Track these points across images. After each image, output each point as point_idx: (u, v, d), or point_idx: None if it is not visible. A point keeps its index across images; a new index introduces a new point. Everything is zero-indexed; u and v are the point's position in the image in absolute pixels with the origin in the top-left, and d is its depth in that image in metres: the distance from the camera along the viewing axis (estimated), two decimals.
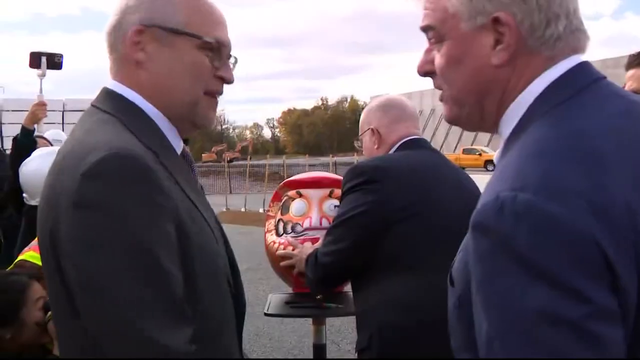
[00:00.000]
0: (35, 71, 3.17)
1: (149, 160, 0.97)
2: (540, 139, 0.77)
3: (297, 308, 2.19)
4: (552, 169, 0.72)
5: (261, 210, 15.69)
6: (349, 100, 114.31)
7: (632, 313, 0.69)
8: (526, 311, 0.68)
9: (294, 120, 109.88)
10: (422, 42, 0.95)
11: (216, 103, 1.17)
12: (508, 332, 0.69)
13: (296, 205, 2.30)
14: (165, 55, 1.09)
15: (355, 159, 18.56)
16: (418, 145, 1.97)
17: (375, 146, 2.01)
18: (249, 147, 63.70)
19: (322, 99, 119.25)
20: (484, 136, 53.91)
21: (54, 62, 3.08)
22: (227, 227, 1.41)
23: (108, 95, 1.11)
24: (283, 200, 2.35)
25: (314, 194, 2.30)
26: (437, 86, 0.93)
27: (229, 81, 1.16)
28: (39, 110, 3.21)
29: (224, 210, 15.92)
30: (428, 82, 0.94)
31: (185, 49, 1.09)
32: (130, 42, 1.09)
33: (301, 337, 5.30)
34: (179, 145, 1.14)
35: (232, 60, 1.18)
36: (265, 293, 6.76)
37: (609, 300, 0.67)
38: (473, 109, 0.90)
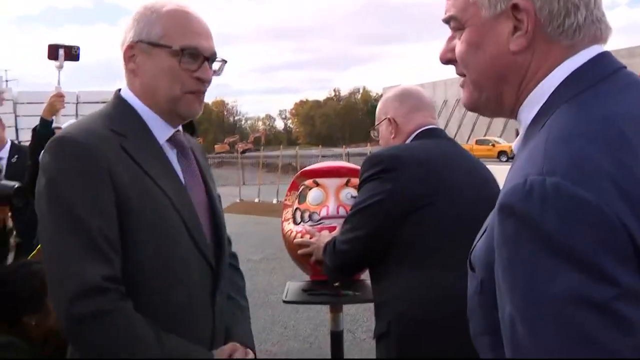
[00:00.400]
0: (52, 63, 3.21)
1: (97, 143, 1.27)
2: (566, 124, 0.78)
3: (315, 295, 2.22)
4: (579, 153, 0.72)
5: (275, 201, 15.76)
6: (361, 91, 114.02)
7: None
8: (552, 294, 0.68)
9: (307, 112, 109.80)
10: (435, 32, 0.98)
11: (200, 98, 1.41)
12: (533, 315, 0.70)
13: (313, 194, 2.32)
14: (149, 64, 1.37)
15: (368, 149, 18.54)
16: (434, 134, 1.97)
17: (392, 135, 2.02)
18: (261, 138, 63.77)
19: (334, 90, 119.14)
20: (497, 127, 53.58)
21: (72, 54, 3.12)
22: (241, 218, 1.47)
23: (114, 96, 1.44)
24: (300, 189, 2.38)
25: (330, 183, 2.32)
26: (459, 73, 0.95)
27: (206, 80, 1.39)
28: (57, 102, 3.25)
29: (238, 201, 16.00)
30: (440, 73, 0.97)
31: (162, 57, 1.36)
32: (126, 56, 1.39)
33: (317, 325, 5.35)
34: (164, 135, 1.40)
35: (216, 62, 1.43)
36: (280, 282, 6.88)
37: (636, 283, 0.67)
38: (491, 94, 0.92)
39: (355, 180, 2.33)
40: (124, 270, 1.25)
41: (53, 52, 3.11)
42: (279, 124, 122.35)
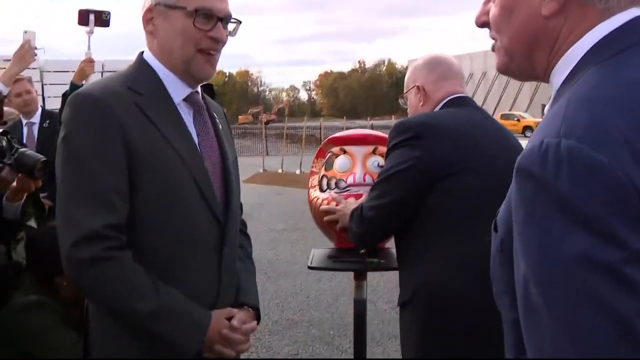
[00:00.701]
0: (79, 33, 3.23)
1: (111, 99, 1.34)
2: (590, 87, 0.77)
3: (340, 262, 2.23)
4: (599, 116, 0.72)
5: (298, 172, 15.80)
6: (386, 63, 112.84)
7: None
8: (564, 254, 0.69)
9: (331, 83, 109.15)
10: (463, 5, 0.97)
11: (213, 59, 1.47)
12: (545, 274, 0.71)
13: (340, 162, 2.32)
14: (166, 25, 1.44)
15: (392, 122, 18.40)
16: (463, 103, 1.95)
17: (421, 103, 2.00)
18: (285, 109, 63.53)
19: (359, 62, 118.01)
20: (522, 102, 52.73)
21: (102, 19, 3.13)
22: (263, 188, 1.51)
23: (137, 58, 1.51)
24: (327, 157, 2.37)
25: (357, 150, 2.31)
26: (492, 36, 0.95)
27: (220, 40, 1.45)
28: (87, 67, 3.30)
29: (261, 171, 16.07)
30: (467, 47, 0.97)
31: (177, 19, 1.42)
32: (145, 19, 1.46)
33: (338, 295, 5.39)
34: (180, 94, 1.46)
35: (231, 24, 1.49)
36: (302, 253, 6.93)
37: None
38: (523, 58, 0.92)
39: (383, 149, 2.32)
40: (131, 223, 1.32)
41: (84, 17, 3.13)
42: (303, 96, 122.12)
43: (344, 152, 2.33)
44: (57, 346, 2.04)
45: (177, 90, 1.46)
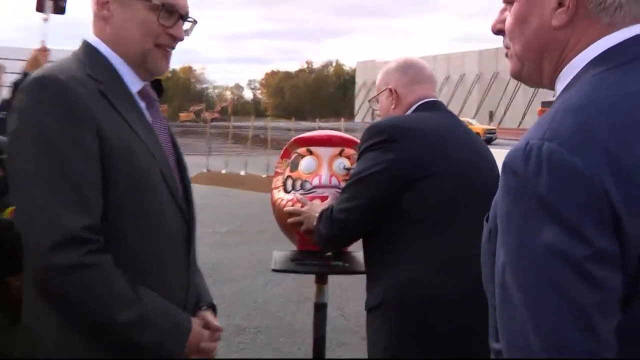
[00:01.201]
0: (31, 22, 3.15)
1: (76, 84, 1.28)
2: (582, 96, 0.84)
3: (304, 265, 2.25)
4: (584, 123, 0.80)
5: (242, 173, 15.70)
6: (334, 64, 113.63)
7: (633, 262, 0.78)
8: (536, 245, 0.78)
9: (277, 83, 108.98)
10: (409, 7, 1.02)
11: (169, 55, 1.46)
12: (518, 261, 0.81)
13: (306, 163, 2.34)
14: (124, 14, 1.41)
15: (341, 124, 18.56)
16: (435, 107, 2.01)
17: (392, 106, 2.05)
18: (228, 108, 63.11)
19: (307, 62, 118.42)
20: (470, 109, 54.32)
21: (59, 6, 3.06)
22: (207, 189, 1.53)
23: (83, 44, 1.45)
24: (292, 157, 2.39)
25: (324, 151, 2.33)
26: (506, 44, 1.01)
27: (178, 38, 1.46)
28: (41, 55, 3.23)
29: (205, 171, 15.88)
30: (419, 50, 1.02)
31: (139, 9, 1.40)
32: (99, 2, 1.42)
33: (286, 300, 5.38)
34: (135, 86, 1.43)
35: (188, 22, 1.48)
36: (245, 256, 6.90)
37: (610, 246, 0.77)
38: (533, 66, 0.99)
39: (349, 151, 2.37)
40: (104, 215, 1.27)
41: (40, 3, 3.05)
42: (247, 94, 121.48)
43: (310, 153, 2.35)
44: (6, 350, 1.96)
45: (133, 81, 1.44)
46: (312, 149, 2.35)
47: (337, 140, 2.38)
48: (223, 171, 16.17)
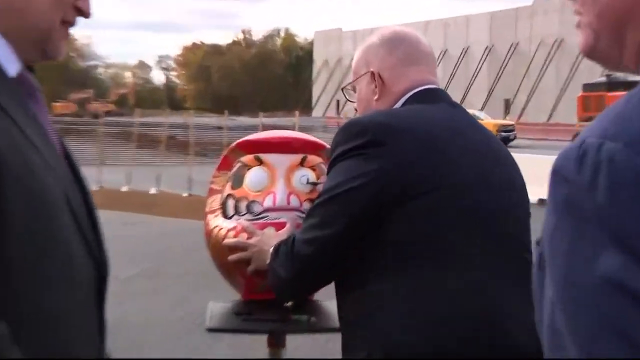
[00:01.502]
0: None
1: None
2: None
3: (253, 321, 2.27)
4: None
5: (153, 191, 15.62)
6: (282, 34, 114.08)
7: None
8: (590, 274, 0.81)
9: (200, 60, 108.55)
10: None
11: (68, 35, 1.52)
12: (568, 294, 0.84)
13: (254, 176, 2.37)
14: None
15: (295, 120, 18.63)
16: (435, 97, 2.06)
17: (376, 97, 2.10)
18: (129, 97, 62.51)
19: (243, 32, 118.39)
20: (476, 96, 55.06)
21: None
22: (101, 215, 1.55)
23: None
24: (235, 168, 2.42)
25: (279, 160, 2.38)
26: (576, 11, 1.04)
27: (86, 14, 1.52)
28: None
29: (96, 189, 15.69)
30: (399, 17, 1.06)
31: None
32: None
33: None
34: (12, 67, 1.44)
35: None
36: (162, 311, 6.86)
37: None
38: (611, 40, 1.00)
39: (314, 159, 2.42)
40: None
41: None
42: (158, 77, 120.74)
43: (260, 162, 2.39)
44: None
45: (9, 64, 1.44)
46: (263, 156, 2.39)
47: (298, 144, 2.43)
48: (124, 188, 16.04)
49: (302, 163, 2.41)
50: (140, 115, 18.43)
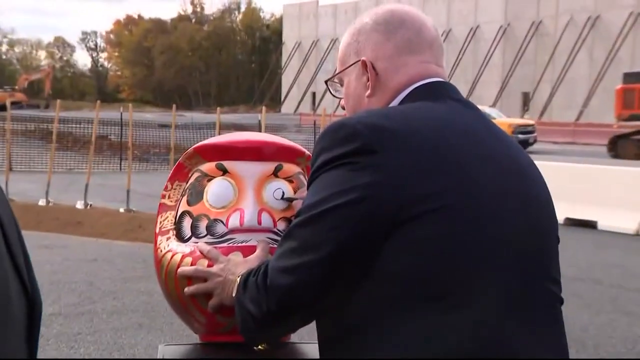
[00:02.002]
0: None
1: None
2: None
3: None
4: None
5: (79, 205, 15.53)
6: (242, 9, 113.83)
7: None
8: None
9: (138, 40, 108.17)
10: None
11: None
12: None
13: (217, 189, 2.40)
14: None
15: (261, 117, 18.59)
16: (441, 93, 2.10)
17: (368, 92, 2.14)
18: (45, 84, 61.82)
19: (192, 3, 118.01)
20: (486, 89, 55.02)
21: None
22: None
23: None
24: (193, 179, 2.45)
25: (248, 169, 2.41)
26: None
27: None
28: None
29: None
30: None
31: None
32: None
33: None
34: None
35: None
36: (90, 356, 6.81)
37: None
38: None
39: (290, 167, 2.46)
40: None
41: None
42: (82, 60, 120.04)
43: (224, 171, 2.42)
44: None
45: None
46: (228, 165, 2.42)
47: (271, 149, 2.46)
48: (41, 202, 15.96)
49: (275, 173, 2.44)
50: (61, 108, 18.20)
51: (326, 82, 2.34)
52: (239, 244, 2.34)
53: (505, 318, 1.88)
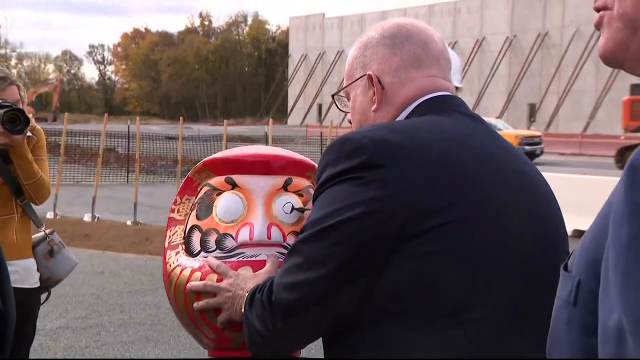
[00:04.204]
0: None
1: None
2: None
3: None
4: None
5: (88, 218, 15.56)
6: (249, 21, 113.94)
7: None
8: None
9: (145, 52, 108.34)
10: None
11: None
12: None
13: (226, 203, 2.40)
14: None
15: (267, 129, 18.60)
16: (447, 106, 2.10)
17: (374, 107, 2.15)
18: (54, 97, 61.83)
19: (201, 16, 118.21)
20: (494, 99, 55.03)
21: None
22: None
23: None
24: (202, 193, 2.45)
25: (257, 183, 2.41)
26: (598, 6, 1.09)
27: None
28: None
29: None
30: (385, 3, 1.09)
31: None
32: None
33: None
34: None
35: None
36: None
37: None
38: None
39: (299, 181, 2.46)
40: None
41: None
42: (90, 73, 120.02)
43: (233, 186, 2.42)
44: None
45: None
46: (237, 178, 2.42)
47: (279, 163, 2.46)
48: (48, 215, 15.96)
49: (285, 187, 2.44)
50: (68, 121, 18.23)
51: (333, 96, 2.34)
52: (249, 259, 2.34)
53: (511, 335, 1.89)
